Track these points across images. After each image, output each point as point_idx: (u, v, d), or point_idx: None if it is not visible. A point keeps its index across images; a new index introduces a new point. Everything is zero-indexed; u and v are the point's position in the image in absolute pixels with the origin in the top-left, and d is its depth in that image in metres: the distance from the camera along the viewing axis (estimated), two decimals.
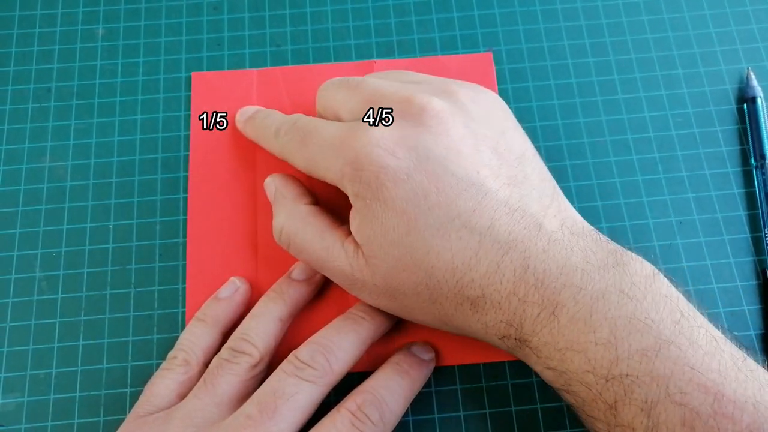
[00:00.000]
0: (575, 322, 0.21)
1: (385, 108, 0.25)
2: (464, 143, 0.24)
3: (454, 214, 0.23)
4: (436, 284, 0.23)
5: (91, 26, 0.34)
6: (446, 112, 0.24)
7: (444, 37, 0.34)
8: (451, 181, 0.23)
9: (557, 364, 0.22)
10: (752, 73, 0.32)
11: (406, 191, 0.23)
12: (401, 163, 0.23)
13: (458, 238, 0.23)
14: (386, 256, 0.24)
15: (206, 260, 0.29)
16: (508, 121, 0.26)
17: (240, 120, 0.31)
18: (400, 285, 0.24)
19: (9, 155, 0.31)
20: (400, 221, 0.23)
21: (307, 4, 0.34)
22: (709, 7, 0.34)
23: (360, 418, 0.23)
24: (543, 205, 0.24)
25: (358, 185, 0.24)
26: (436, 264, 0.23)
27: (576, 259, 0.22)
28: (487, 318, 0.23)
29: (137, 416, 0.24)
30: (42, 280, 0.29)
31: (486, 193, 0.23)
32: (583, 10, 0.34)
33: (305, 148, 0.26)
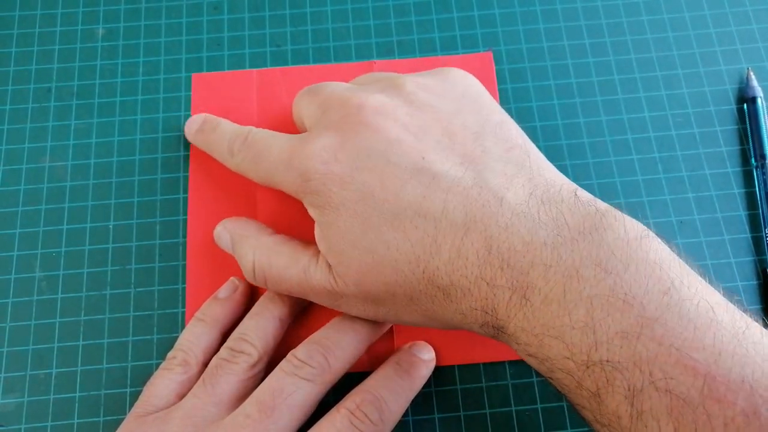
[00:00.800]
0: (548, 304, 0.19)
1: (332, 113, 0.25)
2: (405, 133, 0.23)
3: (405, 204, 0.22)
4: (404, 280, 0.22)
5: (91, 26, 0.34)
6: (385, 106, 0.24)
7: (444, 38, 0.34)
8: (395, 172, 0.23)
9: (536, 351, 0.20)
10: (752, 73, 0.32)
11: (353, 192, 0.23)
12: (344, 167, 0.23)
13: (413, 227, 0.22)
14: (350, 261, 0.23)
15: (206, 260, 0.29)
16: (468, 95, 0.25)
17: (188, 133, 0.31)
18: (372, 289, 0.23)
19: (9, 155, 0.31)
20: (354, 222, 0.23)
21: (307, 5, 0.34)
22: (709, 8, 0.34)
23: (359, 417, 0.23)
24: (507, 176, 0.22)
25: (311, 196, 0.24)
26: (398, 257, 0.22)
27: (544, 232, 0.20)
28: (462, 307, 0.22)
29: (137, 416, 0.24)
30: (42, 280, 0.29)
31: (434, 177, 0.22)
32: (583, 10, 0.34)
33: (258, 166, 0.26)
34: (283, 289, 0.26)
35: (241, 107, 0.32)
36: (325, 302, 0.25)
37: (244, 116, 0.31)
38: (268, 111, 0.32)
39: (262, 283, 0.26)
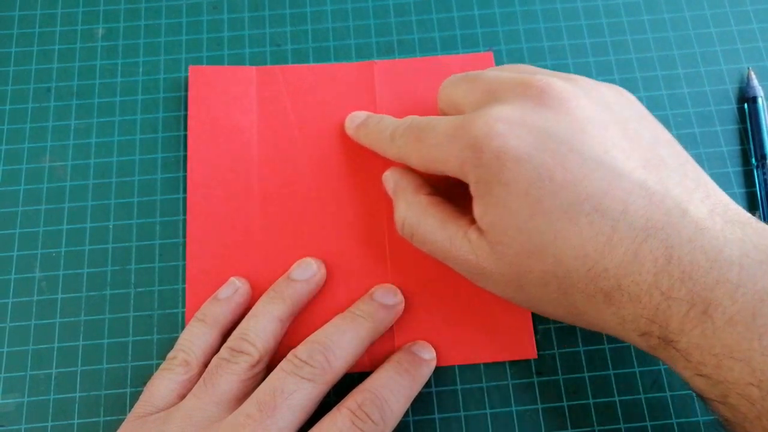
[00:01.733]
0: (734, 325, 0.19)
1: (506, 93, 0.24)
2: (589, 123, 0.22)
3: (583, 197, 0.21)
4: (565, 273, 0.21)
5: (91, 26, 0.34)
6: (568, 92, 0.23)
7: (444, 37, 0.34)
8: (578, 160, 0.21)
9: (712, 372, 0.19)
10: (753, 73, 0.32)
11: (529, 171, 0.21)
12: (522, 143, 0.22)
13: (588, 222, 0.21)
14: (512, 242, 0.22)
15: (206, 260, 0.29)
16: (635, 108, 0.24)
17: (350, 126, 0.30)
18: (527, 273, 0.22)
19: (9, 155, 0.31)
20: (524, 204, 0.21)
21: (307, 4, 0.34)
22: (710, 7, 0.34)
23: (360, 417, 0.23)
24: (687, 188, 0.21)
25: (479, 169, 0.22)
26: (565, 251, 0.21)
27: (731, 251, 0.19)
28: (624, 312, 0.21)
29: (137, 416, 0.24)
30: (42, 281, 0.29)
31: (618, 175, 0.21)
32: (584, 9, 0.34)
33: (421, 143, 0.25)
34: (426, 249, 0.26)
35: (239, 103, 0.32)
36: (465, 273, 0.25)
37: (243, 113, 0.31)
38: (268, 109, 0.32)
39: (408, 238, 0.27)
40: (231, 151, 0.31)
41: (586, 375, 0.28)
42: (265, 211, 0.30)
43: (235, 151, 0.31)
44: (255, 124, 0.31)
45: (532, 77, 0.23)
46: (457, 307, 0.28)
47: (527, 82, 0.23)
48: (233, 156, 0.31)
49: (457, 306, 0.28)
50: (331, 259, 0.29)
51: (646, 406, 0.27)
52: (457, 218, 0.25)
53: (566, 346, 0.28)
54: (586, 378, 0.28)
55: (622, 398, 0.27)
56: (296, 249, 0.29)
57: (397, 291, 0.28)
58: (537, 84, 0.23)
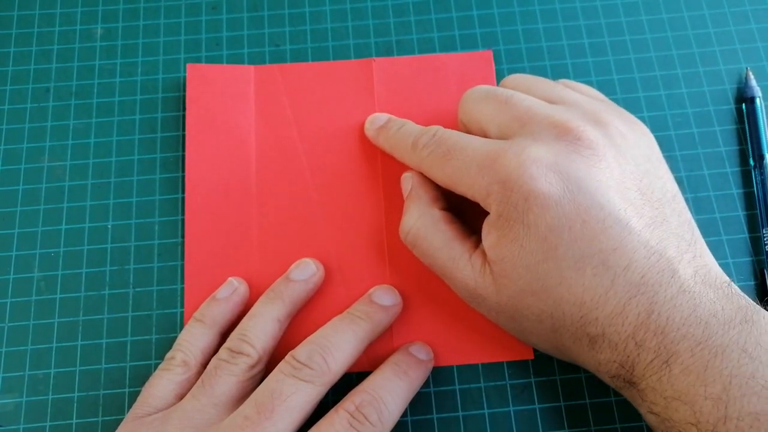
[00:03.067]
0: (687, 374, 0.21)
1: (539, 130, 0.24)
2: (614, 179, 0.23)
3: (595, 250, 0.22)
4: (560, 316, 0.23)
5: (90, 26, 0.34)
6: (600, 143, 0.24)
7: (443, 37, 0.34)
8: (599, 216, 0.23)
9: (661, 411, 0.22)
10: (751, 73, 0.32)
11: (553, 219, 0.23)
12: (552, 190, 0.23)
13: (593, 274, 0.22)
14: (518, 279, 0.23)
15: (204, 260, 0.29)
16: (653, 158, 0.26)
17: (370, 128, 0.30)
18: (523, 309, 0.24)
19: (7, 155, 0.31)
20: (540, 248, 0.23)
21: (305, 4, 0.34)
22: (708, 7, 0.34)
23: (358, 418, 0.23)
24: (680, 250, 0.23)
25: (505, 206, 0.23)
26: (566, 297, 0.23)
27: (702, 311, 0.21)
28: (601, 357, 0.23)
29: (135, 417, 0.24)
30: (40, 280, 0.29)
31: (630, 233, 0.22)
32: (582, 10, 0.34)
33: (448, 163, 0.25)
34: (425, 262, 0.27)
35: (238, 102, 0.32)
36: (461, 293, 0.26)
37: (241, 112, 0.31)
38: (266, 107, 0.32)
39: (410, 246, 0.27)
40: (229, 150, 0.31)
41: (582, 375, 0.28)
42: (264, 210, 0.30)
43: (233, 150, 0.31)
44: (253, 123, 0.31)
45: (569, 121, 0.24)
46: (455, 307, 0.28)
47: (563, 125, 0.24)
48: (231, 155, 0.31)
49: (455, 307, 0.28)
50: (329, 260, 0.29)
51: None
52: (463, 240, 0.26)
53: None
54: (582, 378, 0.28)
55: (618, 398, 0.27)
56: (295, 249, 0.29)
57: (396, 292, 0.28)
58: (573, 131, 0.24)
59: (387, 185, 0.30)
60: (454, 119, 0.31)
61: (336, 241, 0.29)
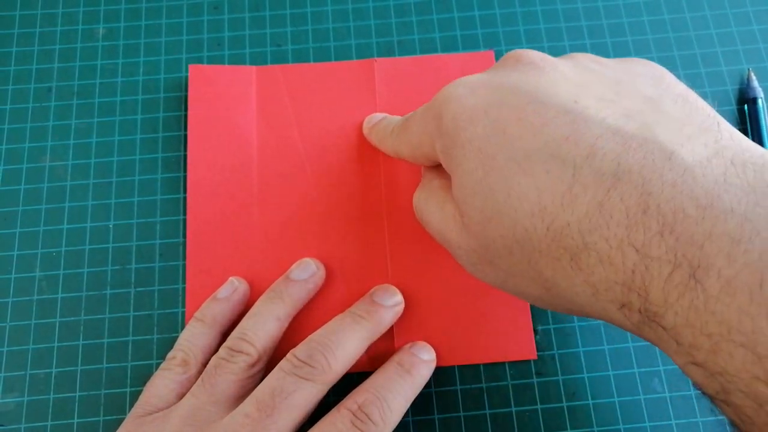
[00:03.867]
0: (733, 294, 0.14)
1: None
2: (563, 78, 0.20)
3: (540, 144, 0.18)
4: (523, 234, 0.19)
5: (92, 26, 0.34)
6: (546, 60, 0.21)
7: (444, 38, 0.34)
8: (538, 109, 0.19)
9: (706, 358, 0.15)
10: (753, 74, 0.32)
11: (483, 127, 0.20)
12: (479, 101, 0.20)
13: (545, 171, 0.18)
14: (472, 210, 0.20)
15: (205, 260, 0.29)
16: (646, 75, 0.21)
17: (366, 127, 0.31)
18: (490, 243, 0.20)
19: (9, 155, 0.31)
20: (479, 163, 0.19)
21: (307, 4, 0.34)
22: (710, 8, 0.34)
23: (360, 417, 0.23)
24: (683, 134, 0.17)
25: (441, 138, 0.21)
26: (520, 207, 0.18)
27: (732, 197, 0.15)
28: (594, 278, 0.17)
29: (136, 416, 0.24)
30: (42, 280, 0.29)
31: (586, 120, 0.18)
32: (584, 10, 0.34)
33: (406, 131, 0.25)
34: (430, 232, 0.25)
35: (239, 103, 0.32)
36: (457, 257, 0.23)
37: (243, 112, 0.31)
38: (268, 108, 0.32)
39: (420, 220, 0.26)
40: (231, 150, 0.31)
41: (585, 376, 0.28)
42: (265, 210, 0.30)
43: (235, 150, 0.31)
44: (255, 124, 0.31)
45: (510, 52, 0.22)
46: (456, 307, 0.28)
47: (507, 54, 0.22)
48: (233, 155, 0.31)
49: (457, 306, 0.28)
50: (330, 259, 0.29)
51: (646, 407, 0.27)
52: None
53: (566, 347, 0.28)
54: (585, 379, 0.28)
55: (621, 399, 0.27)
56: (296, 249, 0.29)
57: (397, 291, 0.28)
58: (514, 53, 0.22)
59: (388, 184, 0.30)
60: None
61: (337, 241, 0.29)
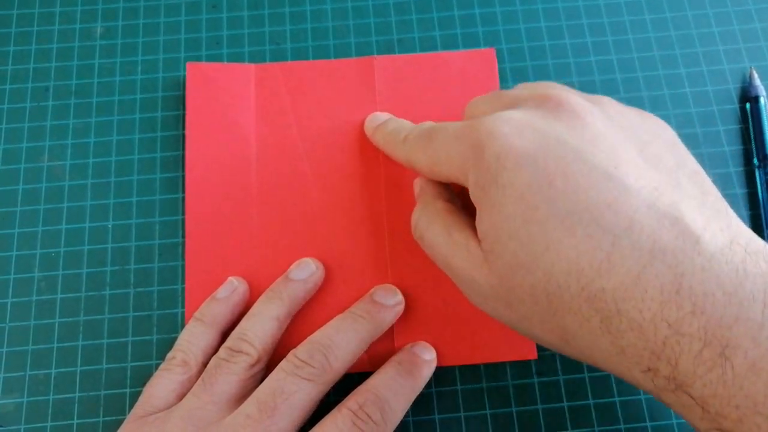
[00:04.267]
0: (758, 374, 0.16)
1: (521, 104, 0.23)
2: (602, 137, 0.21)
3: (583, 207, 0.19)
4: (556, 289, 0.19)
5: (90, 25, 0.34)
6: (585, 108, 0.22)
7: (445, 36, 0.33)
8: (583, 169, 0.20)
9: (733, 427, 0.17)
10: (755, 73, 0.32)
11: (528, 175, 0.20)
12: (526, 144, 0.20)
13: (586, 234, 0.19)
14: (503, 251, 0.21)
15: (205, 260, 0.29)
16: (665, 135, 0.22)
17: (369, 126, 0.30)
18: (516, 287, 0.21)
19: (7, 155, 0.31)
20: (518, 209, 0.20)
21: (306, 2, 0.34)
22: (712, 6, 0.34)
23: (361, 417, 0.23)
24: (703, 216, 0.19)
25: (478, 170, 0.21)
26: (558, 264, 0.19)
27: (753, 285, 0.17)
28: (623, 342, 0.19)
29: (136, 417, 0.24)
30: (41, 281, 0.29)
31: (626, 190, 0.19)
32: (585, 8, 0.34)
33: (429, 144, 0.24)
34: (430, 254, 0.25)
35: (238, 101, 0.31)
36: (461, 286, 0.24)
37: (242, 110, 0.31)
38: (266, 106, 0.31)
39: (419, 240, 0.26)
40: (229, 149, 0.31)
41: (586, 375, 0.28)
42: (264, 210, 0.30)
43: (234, 149, 0.31)
44: (253, 122, 0.31)
45: (552, 92, 0.23)
46: (457, 307, 0.28)
47: (546, 94, 0.22)
48: (232, 154, 0.31)
49: (457, 306, 0.28)
50: (330, 259, 0.29)
51: (646, 407, 0.27)
52: (464, 228, 0.24)
53: None
54: (586, 378, 0.28)
55: (622, 399, 0.27)
56: (295, 249, 0.29)
57: (397, 291, 0.28)
58: (554, 96, 0.22)
59: (388, 184, 0.30)
60: (455, 117, 0.31)
61: (337, 241, 0.29)
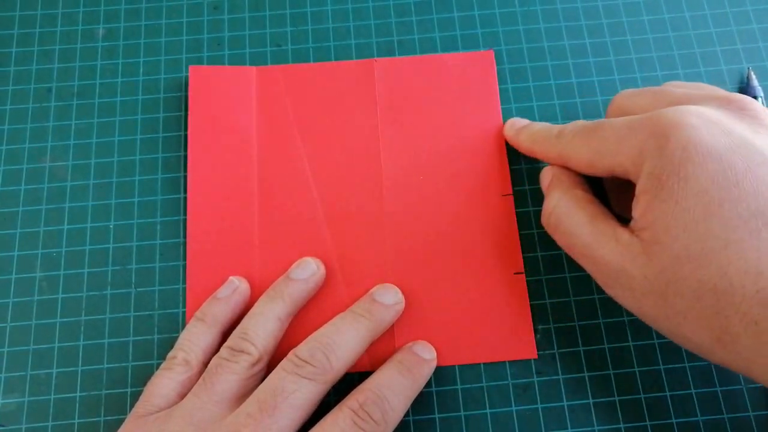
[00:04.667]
0: None
1: (700, 102, 0.23)
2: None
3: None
4: (727, 288, 0.19)
5: (92, 26, 0.34)
6: (765, 113, 0.22)
7: (444, 37, 0.34)
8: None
9: None
10: (753, 73, 0.32)
11: (716, 170, 0.20)
12: (714, 140, 0.20)
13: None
14: (672, 242, 0.20)
15: (206, 260, 0.29)
16: None
17: (510, 130, 0.30)
18: (678, 281, 0.20)
19: (9, 155, 0.31)
20: (700, 203, 0.20)
21: (307, 4, 0.34)
22: (710, 7, 0.34)
23: (362, 416, 0.23)
24: None
25: (659, 160, 0.21)
26: (735, 262, 0.19)
27: None
28: None
29: (137, 416, 0.24)
30: (42, 280, 0.29)
31: None
32: (584, 10, 0.34)
33: (594, 135, 0.24)
34: (567, 243, 0.25)
35: (239, 104, 0.32)
36: (599, 276, 0.24)
37: (243, 113, 0.31)
38: (268, 108, 0.32)
39: (552, 229, 0.26)
40: (231, 151, 0.31)
41: (585, 375, 0.28)
42: (265, 210, 0.30)
43: (235, 150, 0.31)
44: (255, 124, 0.31)
45: (732, 94, 0.23)
46: (457, 307, 0.28)
47: (726, 97, 0.23)
48: (233, 156, 0.31)
49: (458, 306, 0.28)
50: (331, 259, 0.29)
51: (646, 406, 0.27)
52: (607, 218, 0.24)
53: (566, 346, 0.28)
54: (585, 378, 0.28)
55: (621, 398, 0.27)
56: (296, 248, 0.29)
57: (398, 290, 0.28)
58: (738, 99, 0.22)
59: (389, 184, 0.30)
60: (455, 119, 0.31)
61: (337, 241, 0.29)
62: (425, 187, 0.30)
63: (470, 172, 0.31)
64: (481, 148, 0.31)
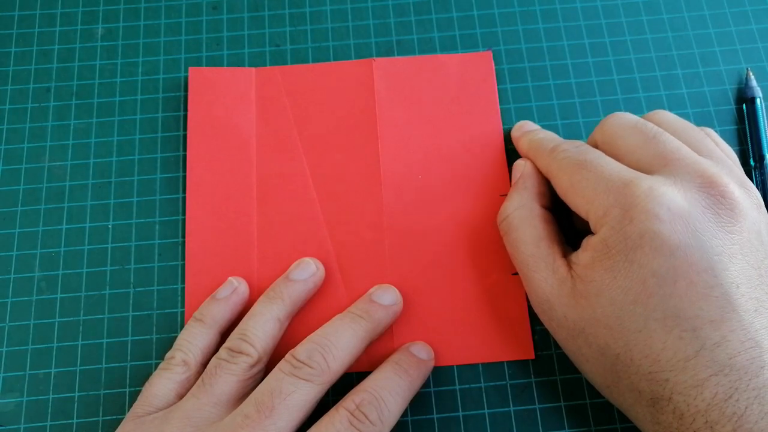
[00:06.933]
0: None
1: (682, 174, 0.23)
2: (740, 250, 0.22)
3: (691, 315, 0.21)
4: (627, 361, 0.22)
5: (91, 26, 0.34)
6: (742, 207, 0.23)
7: (443, 37, 0.34)
8: (709, 282, 0.21)
9: None
10: (751, 74, 0.32)
11: (660, 266, 0.22)
12: (673, 237, 0.22)
13: (679, 338, 0.21)
14: (597, 307, 0.23)
15: (205, 260, 0.29)
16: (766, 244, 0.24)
17: (517, 132, 0.30)
18: (590, 336, 0.23)
19: (8, 155, 0.31)
20: (634, 289, 0.22)
21: (306, 4, 0.34)
22: (709, 8, 0.34)
23: (358, 417, 0.23)
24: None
25: (616, 233, 0.22)
26: (641, 347, 0.22)
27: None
28: (662, 418, 0.22)
29: (136, 416, 0.24)
30: (41, 280, 0.29)
31: (733, 311, 0.21)
32: (583, 10, 0.34)
33: (579, 171, 0.25)
34: (510, 252, 0.26)
35: (239, 105, 0.32)
36: (531, 296, 0.25)
37: (243, 114, 0.31)
38: (267, 109, 0.32)
39: (503, 233, 0.27)
40: (230, 151, 0.31)
41: (582, 376, 0.28)
42: (264, 210, 0.30)
43: (235, 151, 0.31)
44: (254, 125, 0.31)
45: (716, 176, 0.23)
46: (455, 307, 0.28)
47: (710, 178, 0.23)
48: (232, 156, 0.31)
49: (456, 306, 0.28)
50: (329, 260, 0.29)
51: None
52: (554, 243, 0.25)
53: None
54: (583, 378, 0.28)
55: None
56: (295, 249, 0.29)
57: (396, 291, 0.28)
58: (719, 186, 0.23)
59: (388, 185, 0.30)
60: (454, 119, 0.31)
61: (336, 241, 0.29)
62: (424, 187, 0.30)
63: (469, 172, 0.31)
64: (479, 149, 0.31)
